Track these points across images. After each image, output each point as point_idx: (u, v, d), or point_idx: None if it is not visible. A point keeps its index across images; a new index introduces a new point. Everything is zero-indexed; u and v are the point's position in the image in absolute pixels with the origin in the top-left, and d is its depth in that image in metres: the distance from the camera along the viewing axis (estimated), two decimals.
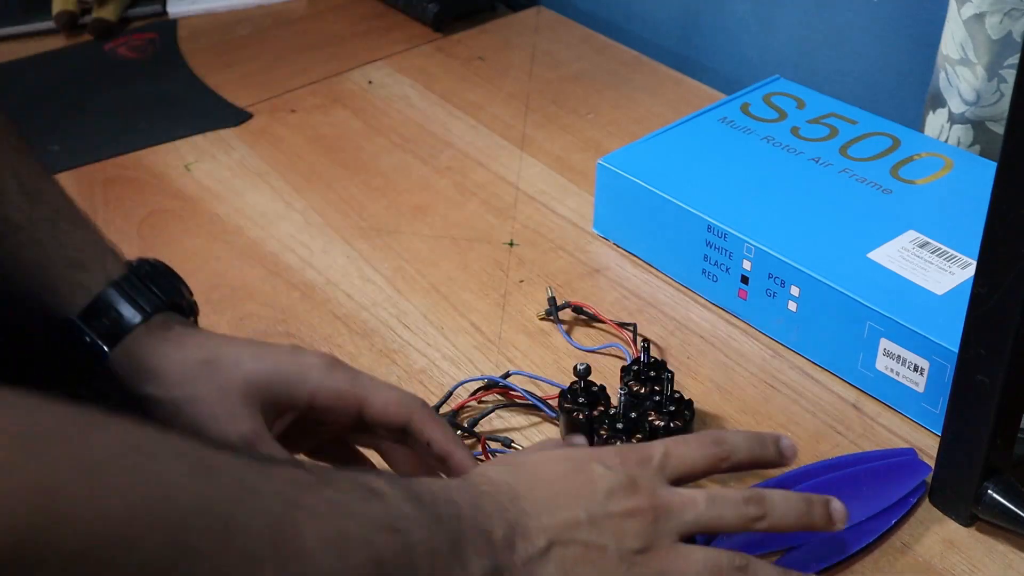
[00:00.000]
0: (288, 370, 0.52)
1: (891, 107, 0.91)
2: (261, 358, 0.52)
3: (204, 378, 0.50)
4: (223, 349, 0.52)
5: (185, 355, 0.51)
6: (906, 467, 0.61)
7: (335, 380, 0.52)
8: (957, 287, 0.65)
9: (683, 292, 0.77)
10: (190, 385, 0.50)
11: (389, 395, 0.53)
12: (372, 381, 0.54)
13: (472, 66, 1.08)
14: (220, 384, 0.50)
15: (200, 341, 0.52)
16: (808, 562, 0.56)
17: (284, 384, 0.52)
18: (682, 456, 0.51)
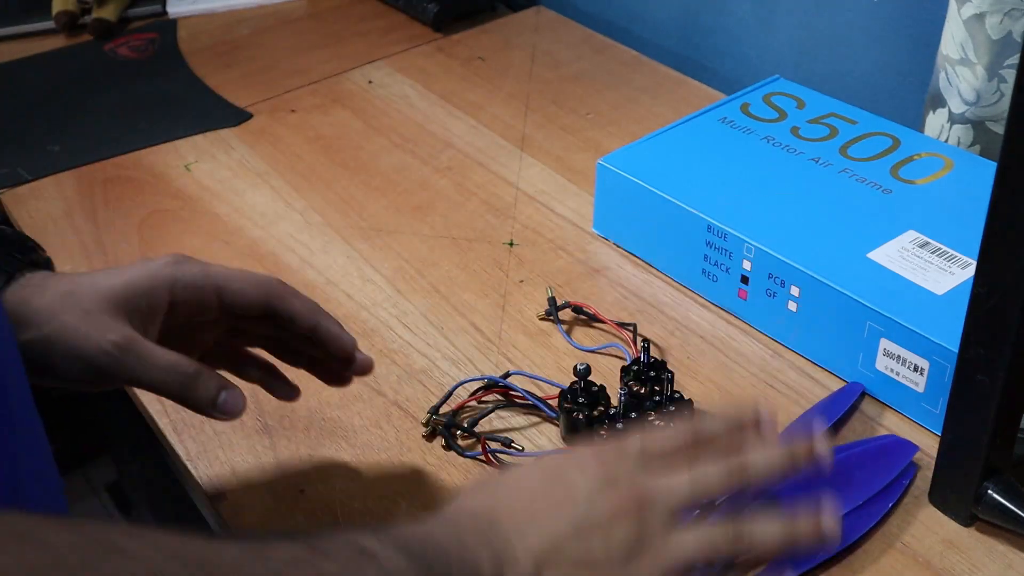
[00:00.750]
0: (141, 276, 0.54)
1: (891, 107, 0.91)
2: (114, 275, 0.54)
3: (67, 308, 0.52)
4: (79, 279, 0.54)
5: (48, 294, 0.53)
6: (892, 448, 0.62)
7: (187, 272, 0.55)
8: (957, 287, 0.65)
9: (683, 292, 0.77)
10: (56, 318, 0.52)
11: (244, 277, 0.56)
12: (226, 270, 0.56)
13: (472, 66, 1.08)
14: (83, 307, 0.52)
15: (58, 279, 0.54)
16: (811, 552, 0.56)
17: (141, 290, 0.54)
18: (659, 443, 0.50)
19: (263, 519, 0.61)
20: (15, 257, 0.55)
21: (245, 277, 0.56)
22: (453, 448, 0.64)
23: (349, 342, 0.59)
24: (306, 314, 0.57)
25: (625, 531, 0.46)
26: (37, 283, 0.54)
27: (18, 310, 0.52)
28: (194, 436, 0.66)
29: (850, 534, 0.57)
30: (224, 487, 0.63)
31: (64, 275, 0.55)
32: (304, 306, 0.57)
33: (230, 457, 0.65)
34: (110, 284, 0.53)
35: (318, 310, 0.57)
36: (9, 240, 0.56)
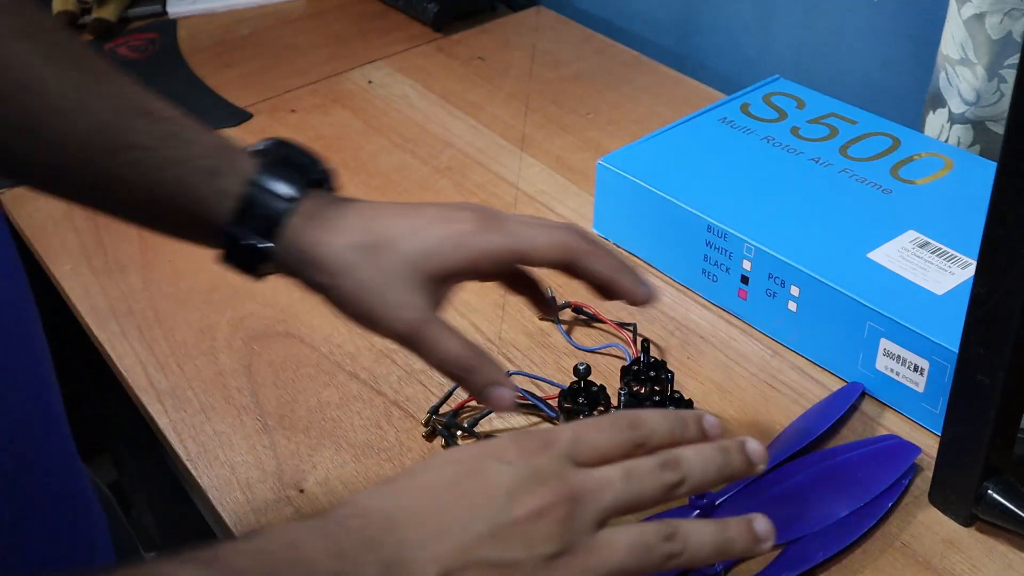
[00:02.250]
0: (445, 244, 0.52)
1: (891, 107, 0.91)
2: (417, 234, 0.52)
3: (366, 264, 0.51)
4: (379, 230, 0.52)
5: (345, 241, 0.51)
6: (895, 450, 0.62)
7: (491, 243, 0.52)
8: (957, 287, 0.65)
9: (683, 292, 0.77)
10: (353, 273, 0.51)
11: (546, 242, 0.52)
12: (525, 230, 0.52)
13: (472, 66, 1.08)
14: (382, 268, 0.51)
15: (355, 223, 0.52)
16: (810, 553, 0.56)
17: (444, 258, 0.52)
18: (593, 441, 0.45)
19: (263, 519, 0.61)
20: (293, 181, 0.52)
21: (547, 243, 0.52)
22: None
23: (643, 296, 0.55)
24: (605, 274, 0.53)
25: (549, 531, 0.41)
26: (331, 222, 0.52)
27: (311, 251, 0.51)
28: (194, 436, 0.66)
29: (850, 534, 0.57)
30: (224, 487, 0.63)
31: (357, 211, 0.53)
32: (607, 267, 0.53)
33: (230, 457, 0.65)
34: (412, 248, 0.51)
35: (619, 266, 0.54)
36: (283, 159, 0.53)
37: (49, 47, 0.50)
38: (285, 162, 0.53)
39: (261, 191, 0.51)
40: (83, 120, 0.49)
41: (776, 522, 0.57)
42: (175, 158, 0.51)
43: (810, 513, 0.58)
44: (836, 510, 0.58)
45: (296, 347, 0.73)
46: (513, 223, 0.53)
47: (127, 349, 0.73)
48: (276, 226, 0.51)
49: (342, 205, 0.53)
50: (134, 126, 0.50)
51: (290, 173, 0.52)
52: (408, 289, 0.51)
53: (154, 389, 0.70)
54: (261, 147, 0.53)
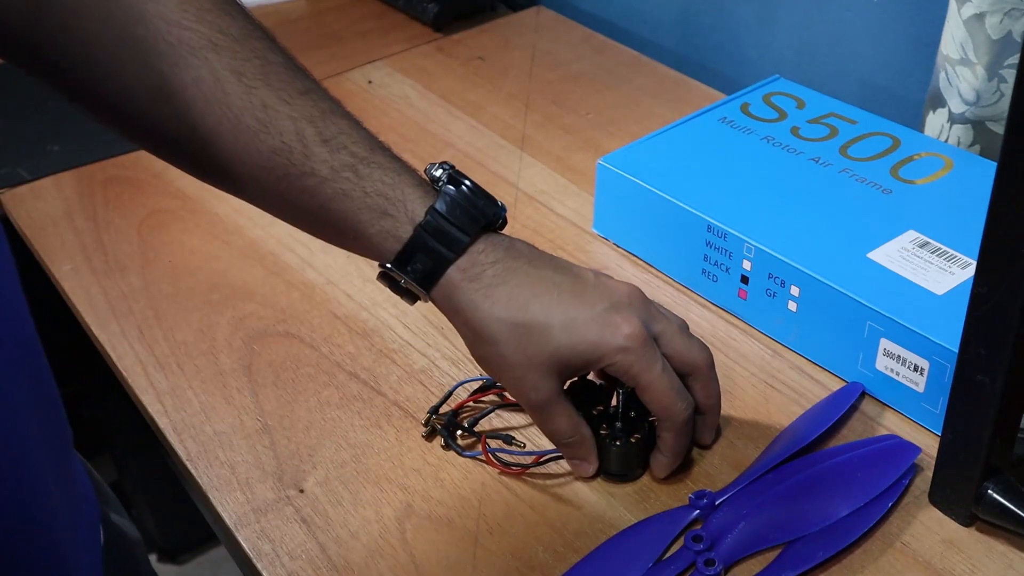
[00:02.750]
0: (591, 351, 0.55)
1: (891, 107, 0.91)
2: (569, 334, 0.54)
3: (513, 342, 0.54)
4: (532, 311, 0.54)
5: (495, 312, 0.54)
6: (895, 450, 0.62)
7: (628, 365, 0.55)
8: (957, 287, 0.65)
9: (683, 292, 0.77)
10: (500, 347, 0.54)
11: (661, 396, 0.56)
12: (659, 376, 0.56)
13: (472, 66, 1.08)
14: (529, 353, 0.54)
15: (510, 295, 0.54)
16: (810, 553, 0.56)
17: (584, 360, 0.55)
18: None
19: (263, 519, 0.61)
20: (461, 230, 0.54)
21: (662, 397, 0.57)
22: (453, 448, 0.64)
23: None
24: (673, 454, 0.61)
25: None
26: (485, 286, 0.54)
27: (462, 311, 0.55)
28: (194, 436, 0.66)
29: (850, 534, 0.57)
30: (224, 487, 0.63)
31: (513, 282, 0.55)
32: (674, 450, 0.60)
33: (230, 457, 0.65)
34: (562, 344, 0.54)
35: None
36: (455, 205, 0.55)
37: (241, 62, 0.52)
38: (455, 205, 0.54)
39: (425, 240, 0.53)
40: (266, 141, 0.51)
41: (776, 522, 0.57)
42: (347, 191, 0.52)
43: (810, 513, 0.58)
44: (836, 510, 0.58)
45: (296, 347, 0.73)
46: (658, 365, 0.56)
47: (127, 349, 0.73)
48: (433, 277, 0.54)
49: (503, 268, 0.55)
50: (314, 153, 0.52)
51: (458, 219, 0.54)
52: (546, 375, 0.55)
53: (154, 389, 0.70)
54: (438, 173, 0.56)
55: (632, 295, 0.57)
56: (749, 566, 0.57)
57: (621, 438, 0.61)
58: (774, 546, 0.57)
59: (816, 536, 0.57)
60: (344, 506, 0.61)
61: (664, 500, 0.61)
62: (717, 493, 0.60)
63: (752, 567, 0.56)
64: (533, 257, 0.57)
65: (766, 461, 0.61)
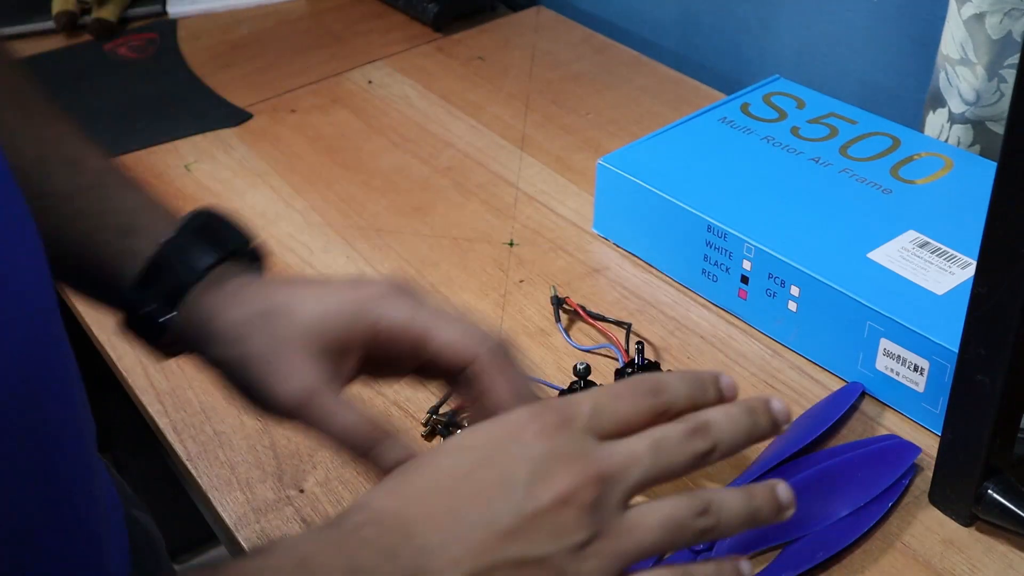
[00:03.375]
0: (345, 308, 0.47)
1: (891, 107, 0.91)
2: (315, 301, 0.47)
3: (258, 333, 0.47)
4: (278, 298, 0.48)
5: (241, 310, 0.48)
6: (895, 450, 0.62)
7: (395, 310, 0.47)
8: (957, 287, 0.65)
9: (683, 292, 0.77)
10: (245, 342, 0.47)
11: (453, 333, 0.46)
12: (437, 315, 0.47)
13: (472, 66, 1.08)
14: (275, 336, 0.47)
15: (256, 291, 0.48)
16: (810, 552, 0.56)
17: (342, 325, 0.47)
18: (615, 411, 0.41)
19: (263, 519, 0.61)
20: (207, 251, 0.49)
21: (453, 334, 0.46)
22: None
23: None
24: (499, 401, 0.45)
25: (576, 518, 0.38)
26: (232, 291, 0.48)
27: (207, 322, 0.48)
28: (194, 436, 0.66)
29: (850, 534, 0.57)
30: (224, 487, 0.63)
31: (262, 283, 0.49)
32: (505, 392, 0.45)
33: (230, 457, 0.65)
34: (311, 312, 0.47)
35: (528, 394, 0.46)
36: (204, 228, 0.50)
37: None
38: (204, 230, 0.50)
39: (171, 256, 0.48)
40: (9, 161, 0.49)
41: None
42: (90, 211, 0.49)
43: (810, 513, 0.58)
44: (836, 510, 0.58)
45: None
46: (429, 305, 0.48)
47: (127, 349, 0.73)
48: (180, 295, 0.48)
49: (250, 278, 0.49)
50: (57, 172, 0.49)
51: (206, 241, 0.49)
52: (300, 359, 0.46)
53: (154, 389, 0.70)
54: (188, 215, 0.51)
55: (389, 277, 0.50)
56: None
57: None
58: (774, 546, 0.57)
59: (816, 536, 0.57)
60: (344, 506, 0.61)
61: None
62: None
63: (753, 567, 0.56)
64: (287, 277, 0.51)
65: (766, 461, 0.61)
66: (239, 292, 0.48)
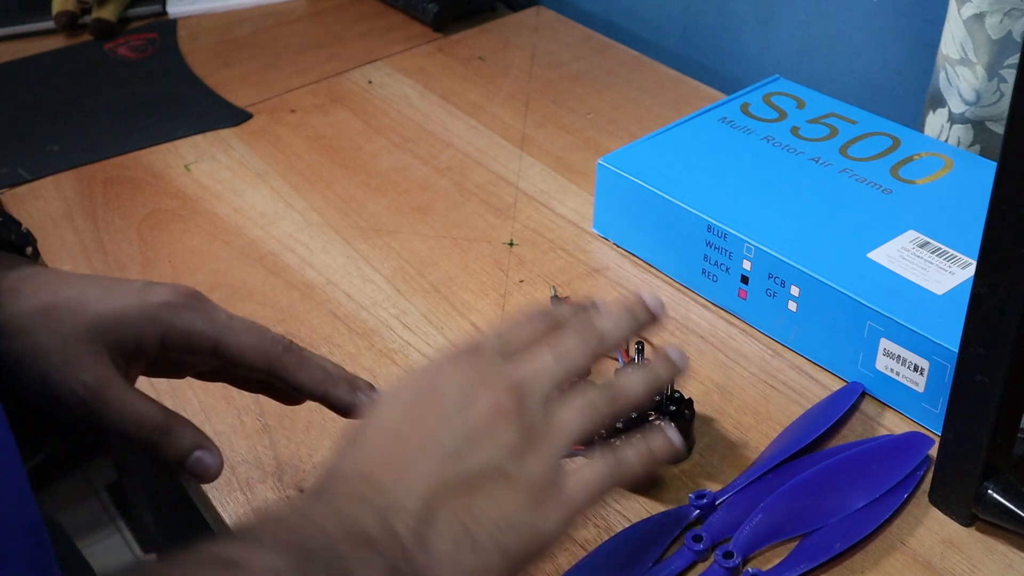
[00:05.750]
0: (134, 314, 0.48)
1: (891, 107, 0.91)
2: (105, 300, 0.48)
3: (44, 327, 0.47)
4: (63, 292, 0.48)
5: (22, 303, 0.47)
6: (909, 442, 0.62)
7: (185, 321, 0.49)
8: (957, 287, 0.65)
9: (683, 292, 0.77)
10: (30, 335, 0.47)
11: (245, 340, 0.49)
12: (230, 322, 0.50)
13: (472, 66, 1.08)
14: (61, 332, 0.47)
15: (38, 285, 0.48)
16: (827, 544, 0.56)
17: (131, 328, 0.48)
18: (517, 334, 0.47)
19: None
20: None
21: (245, 341, 0.50)
22: None
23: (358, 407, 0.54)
24: (313, 386, 0.52)
25: (506, 426, 0.43)
26: (10, 284, 0.48)
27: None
28: None
29: (867, 526, 0.57)
30: (224, 487, 0.63)
31: (41, 275, 0.49)
32: (312, 378, 0.52)
33: (230, 457, 0.65)
34: (97, 311, 0.47)
35: (327, 380, 0.52)
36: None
37: None
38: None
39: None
40: None
41: (794, 514, 0.57)
42: None
43: (826, 505, 0.58)
44: (852, 502, 0.58)
45: None
46: (222, 314, 0.50)
47: None
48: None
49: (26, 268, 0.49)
50: None
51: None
52: (89, 353, 0.47)
53: (154, 389, 0.70)
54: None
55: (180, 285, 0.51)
56: (768, 556, 0.57)
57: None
58: (790, 538, 0.57)
59: (832, 528, 0.57)
60: None
61: (664, 500, 0.61)
62: (717, 493, 0.60)
63: (771, 558, 0.57)
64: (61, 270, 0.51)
65: (766, 461, 0.61)
66: (18, 284, 0.48)
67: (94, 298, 0.48)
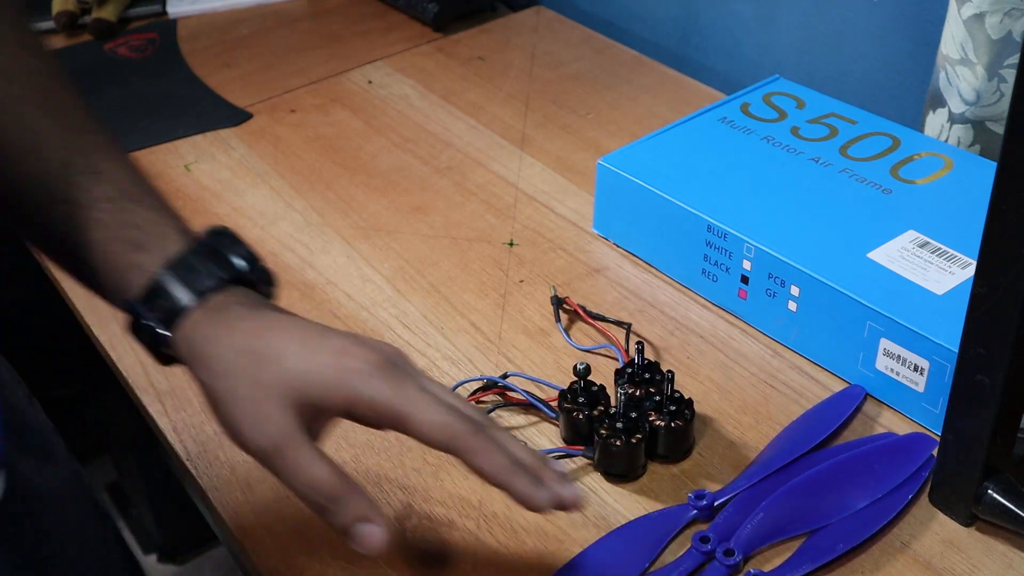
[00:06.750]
0: (327, 376, 0.49)
1: (891, 107, 0.91)
2: (303, 357, 0.49)
3: (244, 371, 0.49)
4: (268, 339, 0.49)
5: (232, 342, 0.49)
6: (912, 443, 0.63)
7: (373, 390, 0.48)
8: (957, 287, 0.65)
9: (683, 292, 0.77)
10: (230, 378, 0.49)
11: (432, 418, 0.48)
12: (420, 395, 0.49)
13: (472, 66, 1.08)
14: (259, 381, 0.48)
15: (250, 327, 0.50)
16: (831, 543, 0.56)
17: (320, 391, 0.49)
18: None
19: (263, 519, 0.61)
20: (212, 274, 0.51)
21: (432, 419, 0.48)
22: None
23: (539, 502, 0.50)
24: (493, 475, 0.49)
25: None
26: (229, 320, 0.50)
27: (200, 346, 0.49)
28: (194, 436, 0.66)
29: (870, 526, 0.57)
30: (224, 487, 0.63)
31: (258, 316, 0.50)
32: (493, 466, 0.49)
33: (230, 457, 0.65)
34: (294, 368, 0.48)
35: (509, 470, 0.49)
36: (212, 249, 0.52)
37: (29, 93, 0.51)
38: (212, 253, 0.51)
39: (174, 276, 0.50)
40: (34, 166, 0.50)
41: (796, 513, 0.57)
42: (106, 222, 0.50)
43: (828, 505, 0.58)
44: (854, 502, 0.58)
45: None
46: (413, 385, 0.49)
47: (127, 349, 0.73)
48: (177, 315, 0.50)
49: (250, 309, 0.51)
50: (79, 183, 0.50)
51: (212, 265, 0.51)
52: (279, 406, 0.48)
53: (154, 389, 0.70)
54: (200, 234, 0.52)
55: (383, 346, 0.51)
56: (766, 557, 0.57)
57: (622, 438, 0.61)
58: (791, 537, 0.57)
59: (836, 528, 0.57)
60: None
61: (664, 500, 0.61)
62: (716, 493, 0.60)
63: (769, 558, 0.57)
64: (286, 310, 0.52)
65: (766, 462, 0.61)
66: (235, 323, 0.50)
67: (293, 352, 0.49)
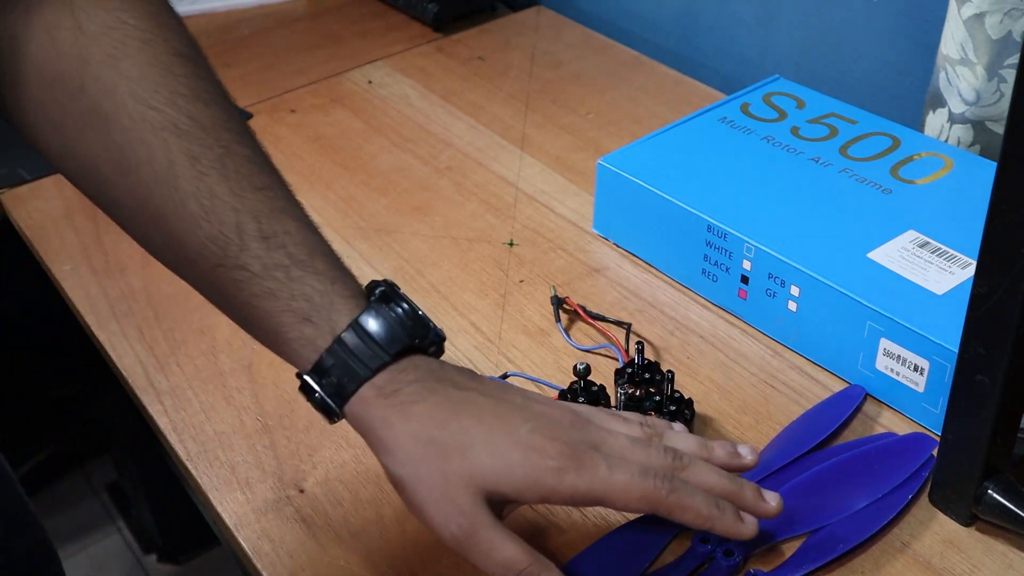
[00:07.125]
0: (517, 475, 0.49)
1: (891, 107, 0.91)
2: (492, 452, 0.49)
3: (429, 462, 0.49)
4: (451, 428, 0.49)
5: (410, 429, 0.49)
6: (912, 442, 0.63)
7: (569, 487, 0.49)
8: (957, 287, 0.65)
9: (683, 292, 0.77)
10: (415, 465, 0.49)
11: (628, 496, 0.50)
12: (611, 476, 0.50)
13: (472, 66, 1.08)
14: (444, 470, 0.49)
15: (427, 412, 0.50)
16: (831, 545, 0.56)
17: (513, 485, 0.49)
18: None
19: (263, 519, 0.61)
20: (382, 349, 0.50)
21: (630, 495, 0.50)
22: None
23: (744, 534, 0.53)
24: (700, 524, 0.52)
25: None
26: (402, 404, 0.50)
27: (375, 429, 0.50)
28: (194, 436, 0.66)
29: (869, 527, 0.57)
30: (224, 487, 0.63)
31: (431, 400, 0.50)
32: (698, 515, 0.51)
33: (230, 457, 0.65)
34: (482, 461, 0.49)
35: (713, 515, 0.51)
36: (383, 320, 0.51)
37: (201, 148, 0.50)
38: (381, 322, 0.51)
39: (344, 353, 0.50)
40: (205, 229, 0.50)
41: (795, 513, 0.57)
42: (274, 291, 0.50)
43: (828, 504, 0.58)
44: (854, 503, 0.58)
45: None
46: (603, 464, 0.50)
47: (127, 349, 0.73)
48: (348, 393, 0.50)
49: (423, 388, 0.50)
50: (250, 248, 0.50)
51: (381, 336, 0.50)
52: (468, 497, 0.49)
53: (154, 389, 0.70)
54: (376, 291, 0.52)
55: (562, 415, 0.52)
56: (766, 557, 0.57)
57: None
58: (791, 537, 0.57)
59: (834, 528, 0.57)
60: (344, 506, 0.61)
61: None
62: None
63: (773, 558, 0.57)
64: (460, 380, 0.52)
65: (766, 463, 0.61)
66: (410, 408, 0.50)
67: (480, 442, 0.49)
